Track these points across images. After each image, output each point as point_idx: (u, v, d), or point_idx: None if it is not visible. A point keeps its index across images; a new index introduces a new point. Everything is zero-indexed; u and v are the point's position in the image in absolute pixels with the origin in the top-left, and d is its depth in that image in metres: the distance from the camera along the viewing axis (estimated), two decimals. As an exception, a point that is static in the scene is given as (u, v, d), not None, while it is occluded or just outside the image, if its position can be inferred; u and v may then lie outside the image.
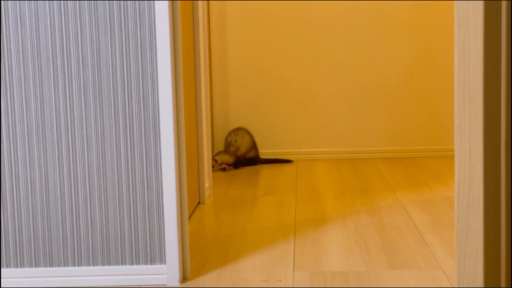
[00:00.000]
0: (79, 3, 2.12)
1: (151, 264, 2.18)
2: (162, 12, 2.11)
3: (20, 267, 2.23)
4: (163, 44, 2.12)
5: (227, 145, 4.25)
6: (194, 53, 3.30)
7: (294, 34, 4.49)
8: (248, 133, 4.29)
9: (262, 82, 4.52)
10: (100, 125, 2.15)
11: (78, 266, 2.21)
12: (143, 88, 2.14)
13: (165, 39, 2.12)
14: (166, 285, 2.16)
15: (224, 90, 4.56)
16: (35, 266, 2.23)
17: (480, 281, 1.30)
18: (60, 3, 2.12)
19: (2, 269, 2.22)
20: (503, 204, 1.39)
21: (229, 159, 4.14)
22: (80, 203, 2.19)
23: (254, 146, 4.32)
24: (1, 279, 2.21)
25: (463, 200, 1.32)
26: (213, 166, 3.94)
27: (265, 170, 4.10)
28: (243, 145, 4.24)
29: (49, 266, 2.22)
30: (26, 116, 2.16)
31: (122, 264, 2.18)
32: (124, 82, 2.14)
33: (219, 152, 4.20)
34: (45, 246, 2.22)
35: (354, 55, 4.46)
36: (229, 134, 4.31)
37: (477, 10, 1.29)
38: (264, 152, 4.55)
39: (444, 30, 4.39)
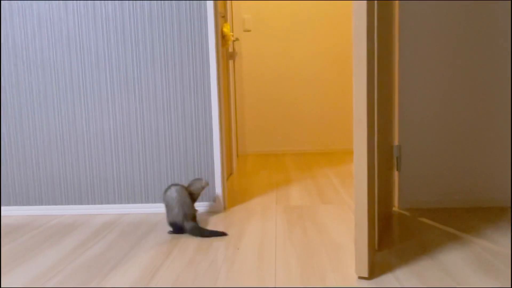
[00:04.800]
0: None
1: (209, 202, 2.07)
2: (211, 28, 1.92)
3: (119, 202, 1.98)
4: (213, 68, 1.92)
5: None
6: (229, 90, 2.94)
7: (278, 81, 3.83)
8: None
9: (264, 104, 3.82)
10: (183, 128, 1.97)
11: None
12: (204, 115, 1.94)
13: (213, 58, 1.92)
14: (215, 210, 2.09)
15: (241, 109, 3.84)
16: (128, 202, 1.95)
17: (365, 206, 1.27)
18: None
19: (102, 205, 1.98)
20: (376, 169, 1.40)
21: None
22: (168, 162, 1.98)
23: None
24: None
25: (357, 170, 1.27)
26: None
27: (264, 161, 3.66)
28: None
29: (145, 202, 1.99)
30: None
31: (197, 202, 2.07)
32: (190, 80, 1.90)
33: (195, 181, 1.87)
34: (144, 185, 1.98)
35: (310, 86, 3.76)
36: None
37: (362, 73, 1.25)
38: (256, 150, 3.80)
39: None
